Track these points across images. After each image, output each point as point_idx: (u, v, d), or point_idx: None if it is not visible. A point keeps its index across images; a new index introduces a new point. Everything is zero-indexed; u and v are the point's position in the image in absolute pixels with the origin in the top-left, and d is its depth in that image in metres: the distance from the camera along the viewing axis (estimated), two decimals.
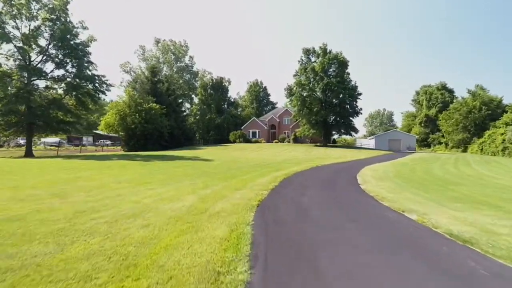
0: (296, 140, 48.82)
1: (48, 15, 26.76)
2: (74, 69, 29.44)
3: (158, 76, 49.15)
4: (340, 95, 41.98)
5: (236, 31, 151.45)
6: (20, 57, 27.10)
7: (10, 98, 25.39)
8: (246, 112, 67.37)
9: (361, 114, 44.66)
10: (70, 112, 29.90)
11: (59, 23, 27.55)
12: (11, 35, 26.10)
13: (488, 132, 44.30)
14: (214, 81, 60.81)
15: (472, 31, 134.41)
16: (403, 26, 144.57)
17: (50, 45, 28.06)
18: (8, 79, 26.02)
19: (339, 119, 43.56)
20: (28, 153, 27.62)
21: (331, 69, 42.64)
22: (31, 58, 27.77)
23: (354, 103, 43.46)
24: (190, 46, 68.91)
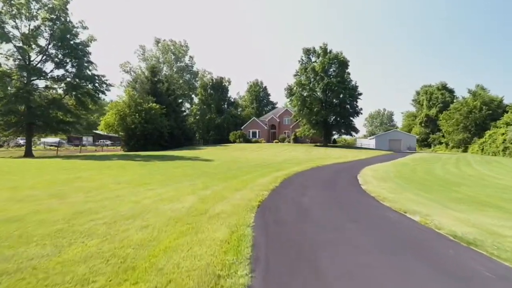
0: (296, 140, 48.75)
1: (48, 14, 26.70)
2: (74, 69, 29.40)
3: (158, 76, 49.11)
4: (341, 95, 41.92)
5: (236, 31, 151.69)
6: (19, 57, 27.06)
7: (9, 98, 25.33)
8: (246, 112, 67.30)
9: (361, 114, 44.74)
10: (70, 112, 29.86)
11: (59, 22, 27.51)
12: (10, 35, 26.05)
13: (488, 132, 44.28)
14: (214, 81, 60.76)
15: (472, 31, 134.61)
16: (403, 25, 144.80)
17: (50, 45, 28.01)
18: (7, 79, 25.96)
19: (339, 119, 43.49)
20: (28, 153, 27.58)
21: (331, 69, 42.56)
22: (31, 58, 27.72)
23: (355, 103, 43.44)
24: (190, 46, 69.08)
